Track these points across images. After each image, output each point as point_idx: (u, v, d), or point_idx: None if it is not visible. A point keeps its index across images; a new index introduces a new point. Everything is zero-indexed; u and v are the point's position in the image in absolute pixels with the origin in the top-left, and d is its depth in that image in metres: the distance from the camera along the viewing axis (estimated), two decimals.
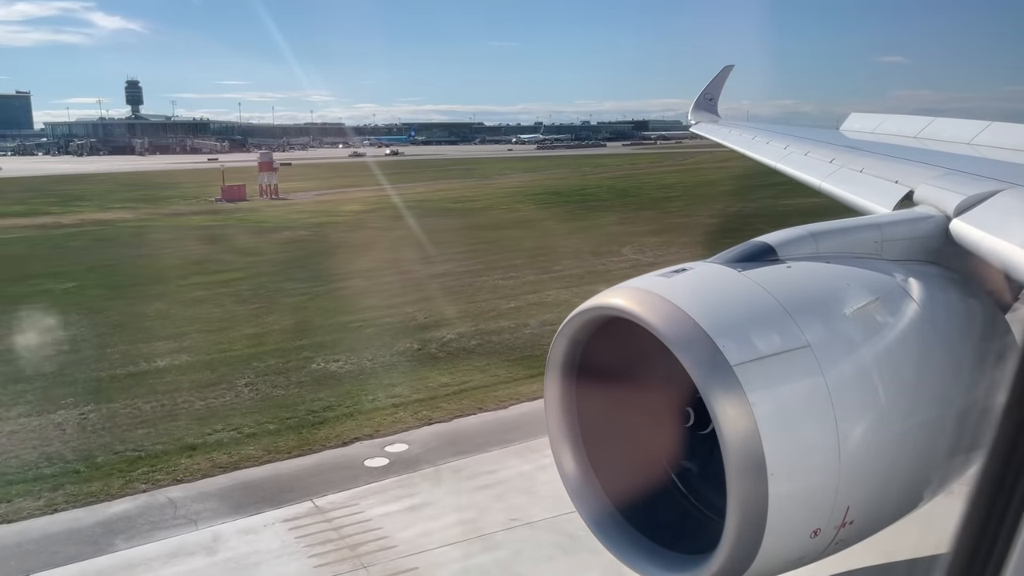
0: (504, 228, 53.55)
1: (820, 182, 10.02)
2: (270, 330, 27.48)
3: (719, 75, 25.45)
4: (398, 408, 19.42)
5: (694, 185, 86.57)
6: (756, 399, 4.72)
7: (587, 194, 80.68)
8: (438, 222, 56.58)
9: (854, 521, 5.19)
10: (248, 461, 16.57)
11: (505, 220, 58.81)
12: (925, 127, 12.63)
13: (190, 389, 21.12)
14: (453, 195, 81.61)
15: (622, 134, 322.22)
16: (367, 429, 18.11)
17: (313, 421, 18.73)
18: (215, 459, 16.68)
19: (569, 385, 5.90)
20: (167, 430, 18.40)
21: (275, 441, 17.57)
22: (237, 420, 18.90)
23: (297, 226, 57.29)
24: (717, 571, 5.07)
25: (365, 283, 34.92)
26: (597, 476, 5.98)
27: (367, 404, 19.83)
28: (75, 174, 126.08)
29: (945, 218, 6.48)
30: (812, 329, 5.07)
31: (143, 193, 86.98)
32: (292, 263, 41.39)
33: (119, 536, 13.79)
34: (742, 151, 16.21)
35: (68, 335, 27.08)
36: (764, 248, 5.79)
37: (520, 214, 62.58)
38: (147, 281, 36.85)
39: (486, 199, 76.90)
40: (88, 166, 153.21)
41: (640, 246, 43.05)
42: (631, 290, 5.43)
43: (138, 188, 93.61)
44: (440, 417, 18.78)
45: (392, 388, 20.86)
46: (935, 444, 5.51)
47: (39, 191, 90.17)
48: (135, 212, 68.15)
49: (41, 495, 15.25)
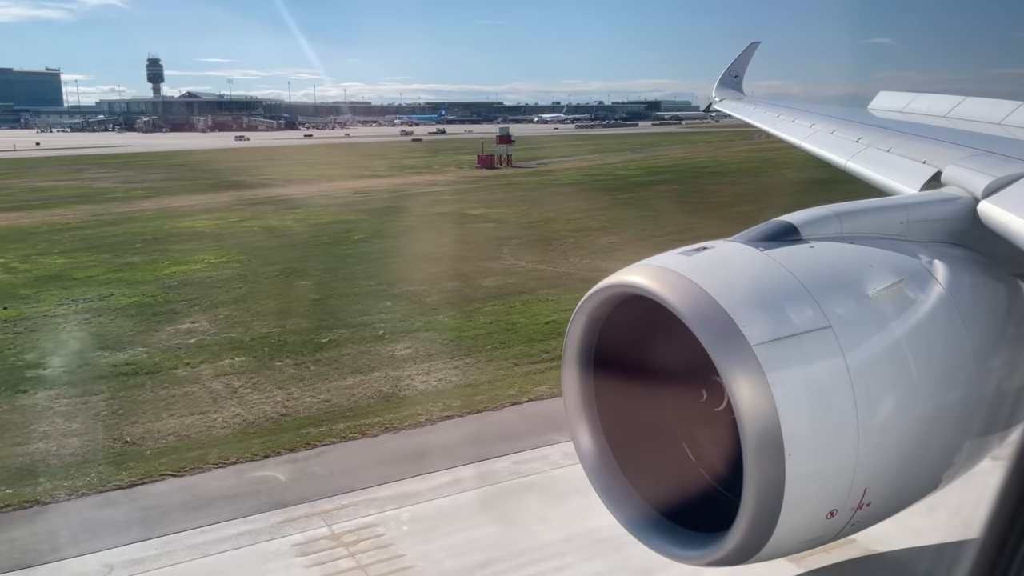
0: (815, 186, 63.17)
1: (846, 162, 9.79)
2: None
3: (744, 52, 24.53)
4: None
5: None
6: (775, 379, 4.62)
7: (778, 165, 77.34)
8: (735, 180, 70.24)
9: (871, 503, 5.08)
10: None
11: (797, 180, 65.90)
12: (955, 106, 12.30)
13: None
14: (689, 161, 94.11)
15: (636, 114, 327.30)
16: None
17: None
18: None
19: (587, 363, 5.80)
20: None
21: None
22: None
23: (604, 177, 68.68)
24: (732, 549, 5.01)
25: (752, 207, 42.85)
26: (614, 453, 5.90)
27: None
28: (248, 148, 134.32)
29: (973, 200, 6.28)
30: (834, 310, 4.95)
31: (393, 163, 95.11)
32: (656, 197, 56.38)
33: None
34: (768, 129, 15.78)
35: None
36: (787, 227, 5.64)
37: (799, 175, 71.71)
38: (590, 210, 50.18)
39: (732, 164, 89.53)
40: (203, 142, 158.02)
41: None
42: (650, 268, 5.29)
43: (364, 164, 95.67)
44: None
45: None
46: (956, 427, 5.39)
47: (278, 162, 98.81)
48: (456, 174, 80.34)
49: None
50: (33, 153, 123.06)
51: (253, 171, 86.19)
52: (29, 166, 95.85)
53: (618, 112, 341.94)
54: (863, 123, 11.35)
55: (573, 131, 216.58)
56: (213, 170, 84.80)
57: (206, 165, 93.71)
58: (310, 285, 31.00)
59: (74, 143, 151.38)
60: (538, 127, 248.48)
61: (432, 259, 35.09)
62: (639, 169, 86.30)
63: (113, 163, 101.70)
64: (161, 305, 27.89)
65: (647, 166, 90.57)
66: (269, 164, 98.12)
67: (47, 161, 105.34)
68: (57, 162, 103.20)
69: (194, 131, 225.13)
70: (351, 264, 34.99)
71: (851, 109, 15.58)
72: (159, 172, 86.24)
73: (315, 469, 15.56)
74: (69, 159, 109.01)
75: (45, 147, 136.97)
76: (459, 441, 16.64)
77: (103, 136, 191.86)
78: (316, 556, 12.44)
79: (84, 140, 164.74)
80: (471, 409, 18.30)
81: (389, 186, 70.07)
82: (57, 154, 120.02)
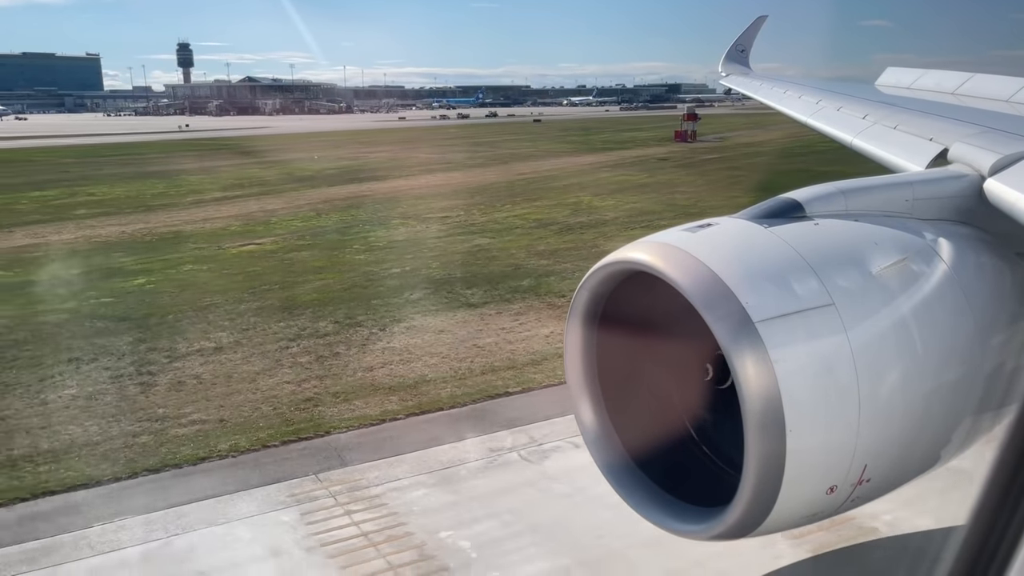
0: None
1: (852, 138, 9.49)
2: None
3: (752, 26, 23.76)
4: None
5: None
6: (778, 356, 4.52)
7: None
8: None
9: (871, 479, 4.97)
10: None
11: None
12: (964, 83, 12.06)
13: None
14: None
15: (659, 97, 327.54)
16: None
17: None
18: None
19: (590, 337, 5.69)
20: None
21: None
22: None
23: (800, 147, 67.20)
24: (732, 524, 4.92)
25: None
26: (615, 428, 5.82)
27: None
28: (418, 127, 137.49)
29: (979, 177, 6.08)
30: (837, 287, 4.83)
31: (581, 141, 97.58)
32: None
33: None
34: (773, 105, 15.48)
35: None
36: (792, 204, 5.48)
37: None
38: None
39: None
40: (334, 123, 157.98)
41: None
42: (654, 244, 5.15)
43: (551, 143, 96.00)
44: None
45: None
46: (958, 405, 5.24)
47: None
48: (670, 147, 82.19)
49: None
50: (210, 135, 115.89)
51: (506, 144, 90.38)
52: (335, 143, 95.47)
53: (641, 95, 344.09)
54: (870, 99, 11.15)
55: (625, 113, 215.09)
56: (487, 143, 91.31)
57: (471, 139, 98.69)
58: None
59: (207, 125, 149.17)
60: (584, 109, 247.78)
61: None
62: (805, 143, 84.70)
63: (390, 139, 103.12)
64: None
65: (808, 141, 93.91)
66: (504, 139, 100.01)
67: (295, 139, 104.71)
68: (317, 138, 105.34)
69: (260, 114, 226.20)
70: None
71: (858, 85, 15.13)
72: (482, 145, 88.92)
73: None
74: (315, 135, 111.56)
75: (193, 128, 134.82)
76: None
77: (191, 119, 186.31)
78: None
79: (200, 123, 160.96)
80: None
81: (637, 157, 72.89)
82: (242, 134, 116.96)
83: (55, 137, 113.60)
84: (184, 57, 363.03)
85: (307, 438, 14.33)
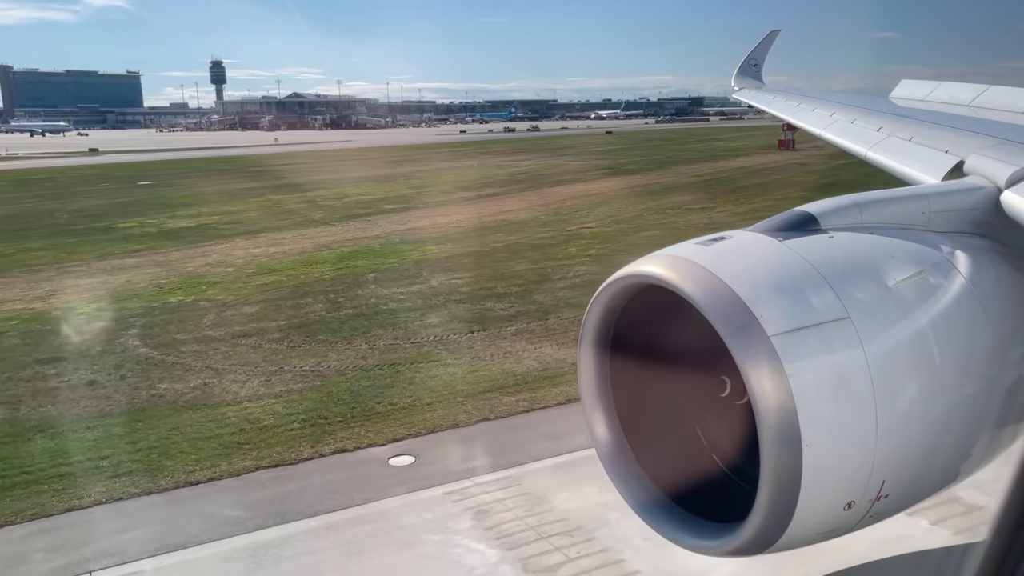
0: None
1: (866, 151, 9.37)
2: None
3: (764, 40, 23.60)
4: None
5: None
6: (793, 370, 4.41)
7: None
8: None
9: (889, 495, 4.83)
10: None
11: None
12: (979, 95, 11.90)
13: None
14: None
15: (682, 110, 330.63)
16: None
17: None
18: None
19: (603, 352, 5.59)
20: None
21: None
22: None
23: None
24: (748, 540, 4.79)
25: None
26: (629, 443, 5.71)
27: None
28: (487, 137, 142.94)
29: (996, 189, 5.93)
30: (853, 301, 4.72)
31: (698, 150, 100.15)
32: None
33: None
34: (787, 119, 15.39)
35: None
36: (806, 217, 5.38)
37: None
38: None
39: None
40: (400, 138, 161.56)
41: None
42: (668, 258, 5.05)
43: (647, 151, 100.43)
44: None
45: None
46: (977, 420, 5.07)
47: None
48: (763, 157, 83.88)
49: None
50: (318, 148, 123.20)
51: (616, 155, 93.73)
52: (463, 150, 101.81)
53: (666, 108, 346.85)
54: (884, 112, 11.11)
55: (664, 126, 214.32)
56: (612, 152, 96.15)
57: (584, 149, 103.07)
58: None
59: (294, 140, 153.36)
60: (622, 123, 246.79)
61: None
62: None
63: (501, 149, 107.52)
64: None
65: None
66: (621, 149, 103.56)
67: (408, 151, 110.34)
68: (428, 149, 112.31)
69: (309, 129, 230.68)
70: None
71: (871, 97, 14.99)
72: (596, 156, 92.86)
73: None
74: (409, 148, 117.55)
75: (282, 142, 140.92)
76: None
77: (248, 135, 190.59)
78: None
79: (256, 138, 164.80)
80: None
81: (774, 161, 76.95)
82: (351, 146, 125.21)
83: (194, 149, 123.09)
84: (216, 74, 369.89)
85: None
